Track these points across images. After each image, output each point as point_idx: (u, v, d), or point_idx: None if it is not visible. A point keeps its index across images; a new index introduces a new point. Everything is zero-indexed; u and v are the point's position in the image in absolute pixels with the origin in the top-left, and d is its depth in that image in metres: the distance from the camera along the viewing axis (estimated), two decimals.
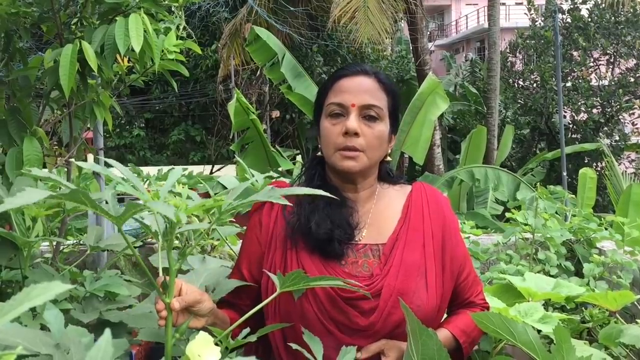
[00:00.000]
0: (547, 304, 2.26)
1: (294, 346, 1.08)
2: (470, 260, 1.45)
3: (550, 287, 1.97)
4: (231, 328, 1.11)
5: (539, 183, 3.00)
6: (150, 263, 2.14)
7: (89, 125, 2.29)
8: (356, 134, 1.32)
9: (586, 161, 12.41)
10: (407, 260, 1.34)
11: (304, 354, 1.11)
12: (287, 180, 1.60)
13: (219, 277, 1.30)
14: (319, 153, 1.42)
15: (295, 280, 1.02)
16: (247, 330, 1.10)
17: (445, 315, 1.45)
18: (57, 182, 0.83)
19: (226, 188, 3.65)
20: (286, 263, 1.34)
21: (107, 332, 0.58)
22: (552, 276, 2.61)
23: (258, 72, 12.54)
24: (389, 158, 1.44)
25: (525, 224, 2.70)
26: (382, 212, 1.43)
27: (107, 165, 1.00)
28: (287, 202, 0.98)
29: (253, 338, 1.08)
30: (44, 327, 1.41)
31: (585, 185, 7.00)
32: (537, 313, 1.70)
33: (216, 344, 0.93)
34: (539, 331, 1.70)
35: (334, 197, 1.07)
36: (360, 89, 1.35)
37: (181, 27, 2.21)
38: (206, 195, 2.09)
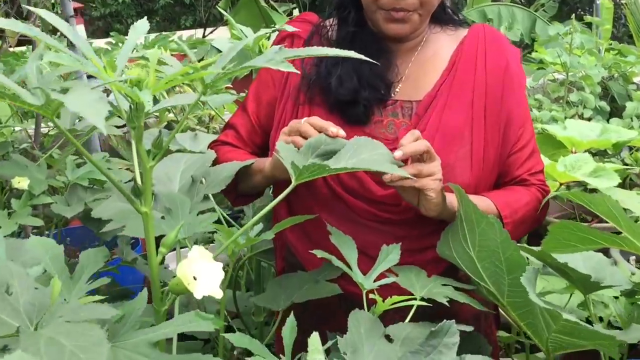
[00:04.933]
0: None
1: (320, 254, 0.86)
2: (531, 128, 1.16)
3: (595, 133, 1.73)
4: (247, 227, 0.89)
5: (573, 16, 2.65)
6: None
7: None
8: None
9: None
10: (448, 123, 1.07)
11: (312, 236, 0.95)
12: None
13: (204, 163, 1.04)
14: None
15: (315, 171, 0.78)
16: (260, 226, 0.90)
17: None
18: None
19: (221, 52, 3.31)
20: (297, 118, 1.08)
21: None
22: (586, 119, 2.37)
23: None
24: None
25: (556, 64, 2.40)
26: (425, 62, 1.14)
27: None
28: (293, 69, 0.70)
29: (270, 235, 0.87)
30: None
31: (601, 16, 6.54)
32: (587, 165, 1.47)
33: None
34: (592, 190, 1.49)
35: (368, 59, 0.77)
36: None
37: None
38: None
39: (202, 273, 0.66)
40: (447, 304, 0.84)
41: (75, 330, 0.51)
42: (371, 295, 0.83)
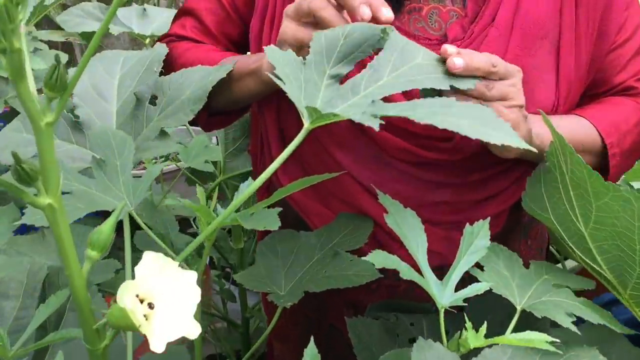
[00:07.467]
0: None
1: (383, 262, 0.51)
2: (638, 13, 0.79)
3: None
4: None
5: None
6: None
7: None
8: None
9: None
10: (528, 14, 0.71)
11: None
12: None
13: (152, 66, 0.63)
14: None
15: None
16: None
17: None
18: None
19: None
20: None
21: None
22: None
23: None
24: None
25: None
26: None
27: None
28: None
29: (275, 223, 0.55)
30: None
31: None
32: None
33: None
34: None
35: None
36: None
37: None
38: None
39: (163, 297, 0.38)
40: (572, 327, 0.54)
41: None
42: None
